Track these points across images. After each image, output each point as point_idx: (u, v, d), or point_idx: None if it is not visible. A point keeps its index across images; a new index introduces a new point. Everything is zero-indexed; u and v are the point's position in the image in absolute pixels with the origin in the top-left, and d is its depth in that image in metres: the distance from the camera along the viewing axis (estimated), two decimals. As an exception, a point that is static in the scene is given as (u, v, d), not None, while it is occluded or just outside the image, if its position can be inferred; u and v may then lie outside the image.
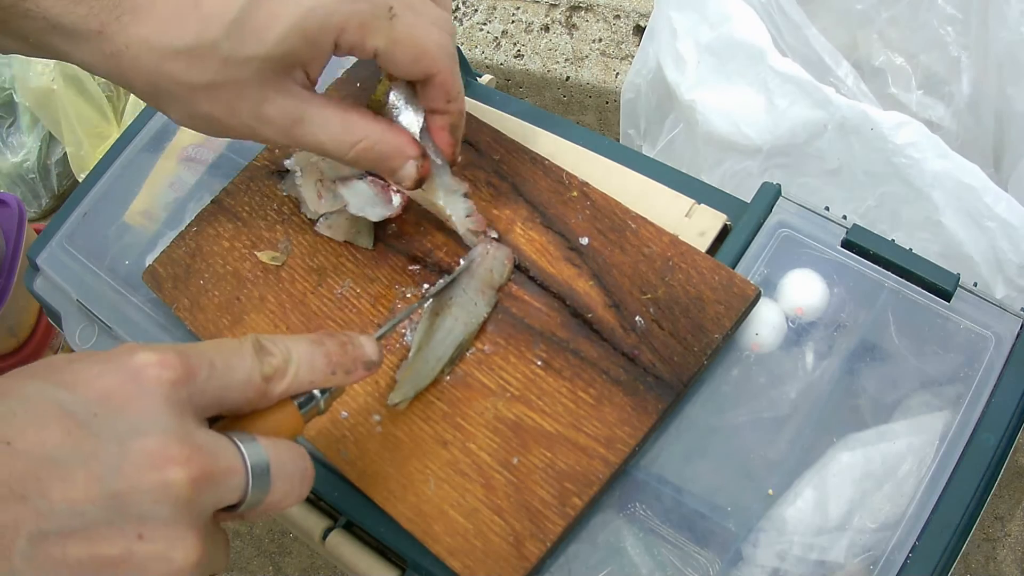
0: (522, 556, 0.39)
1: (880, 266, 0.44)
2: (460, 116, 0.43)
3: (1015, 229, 0.51)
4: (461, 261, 0.46)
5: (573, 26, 0.88)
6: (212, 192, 0.53)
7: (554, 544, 0.39)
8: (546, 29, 0.90)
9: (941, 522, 0.38)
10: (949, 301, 0.43)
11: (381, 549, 0.44)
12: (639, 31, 0.86)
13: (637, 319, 0.43)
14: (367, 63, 0.54)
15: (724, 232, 0.47)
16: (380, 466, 0.42)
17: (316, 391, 0.35)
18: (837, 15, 0.74)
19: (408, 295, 0.46)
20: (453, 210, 0.45)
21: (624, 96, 0.72)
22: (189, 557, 0.28)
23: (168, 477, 0.27)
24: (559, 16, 0.89)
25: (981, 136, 0.70)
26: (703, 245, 0.46)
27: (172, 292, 0.50)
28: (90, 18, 0.37)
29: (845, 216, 0.45)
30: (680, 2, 0.61)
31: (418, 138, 0.43)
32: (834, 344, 0.43)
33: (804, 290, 0.44)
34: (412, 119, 0.43)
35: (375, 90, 0.44)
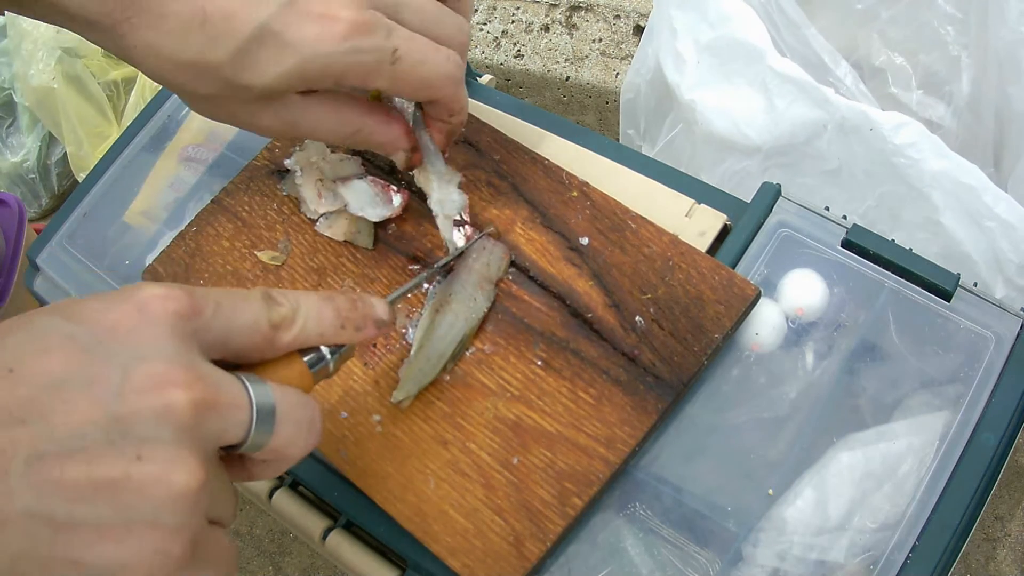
0: (522, 556, 0.39)
1: (880, 266, 0.44)
2: (459, 126, 0.44)
3: (1015, 229, 0.51)
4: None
5: (573, 26, 0.88)
6: (212, 192, 0.53)
7: (554, 544, 0.39)
8: (546, 29, 0.90)
9: (941, 522, 0.38)
10: (949, 301, 0.43)
11: (381, 549, 0.44)
12: (639, 31, 0.86)
13: (637, 319, 0.43)
14: None
15: (724, 232, 0.47)
16: (380, 466, 0.42)
17: (326, 350, 0.34)
18: (837, 14, 0.74)
19: (408, 295, 0.46)
20: (442, 196, 0.46)
21: (623, 96, 0.72)
22: (190, 481, 0.27)
23: (170, 399, 0.27)
24: (559, 16, 0.89)
25: (981, 135, 0.70)
26: (703, 245, 0.46)
27: (172, 292, 0.50)
28: (103, 15, 0.37)
29: (845, 216, 0.45)
30: (680, 1, 0.61)
31: (411, 124, 0.43)
32: (834, 344, 0.43)
33: (804, 290, 0.44)
34: (406, 109, 0.44)
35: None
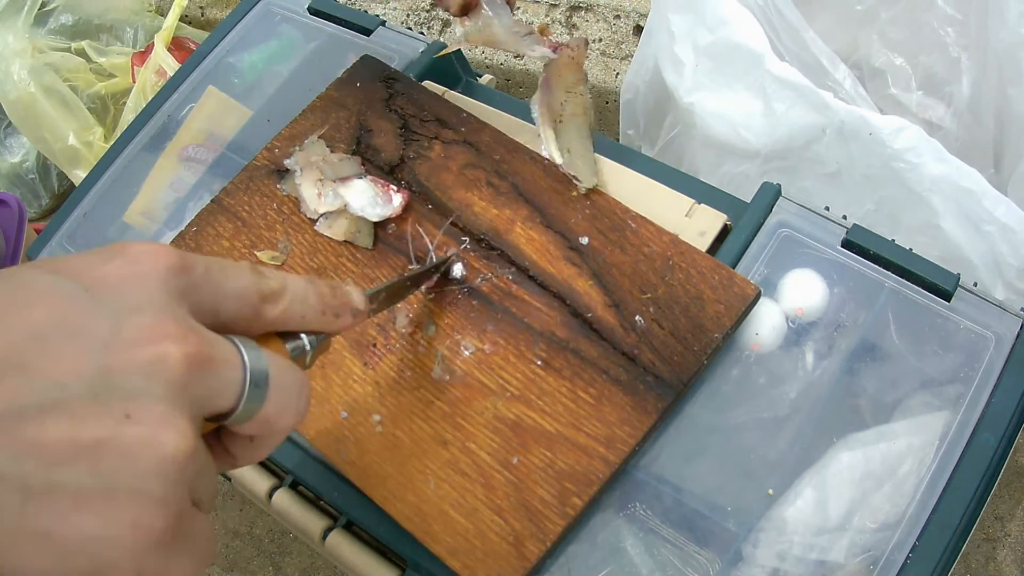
0: (522, 556, 0.39)
1: (880, 266, 0.44)
2: None
3: (1014, 233, 0.51)
4: (459, 265, 0.46)
5: (573, 26, 0.88)
6: (212, 192, 0.53)
7: (554, 544, 0.39)
8: (546, 30, 0.90)
9: (941, 522, 0.38)
10: (949, 301, 0.43)
11: (381, 549, 0.44)
12: (639, 31, 0.86)
13: (637, 318, 0.43)
14: (368, 62, 0.54)
15: (724, 232, 0.47)
16: (380, 466, 0.42)
17: (305, 339, 0.33)
18: (837, 16, 0.74)
19: (397, 303, 0.46)
20: (516, 45, 0.47)
21: (623, 96, 0.72)
22: (180, 445, 0.24)
23: (162, 351, 0.25)
24: (559, 16, 0.89)
25: (981, 137, 0.70)
26: (703, 245, 0.46)
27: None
28: None
29: (845, 216, 0.45)
30: (678, 4, 0.61)
31: None
32: (834, 344, 0.43)
33: (804, 290, 0.44)
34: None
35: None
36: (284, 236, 0.49)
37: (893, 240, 0.44)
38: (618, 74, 0.87)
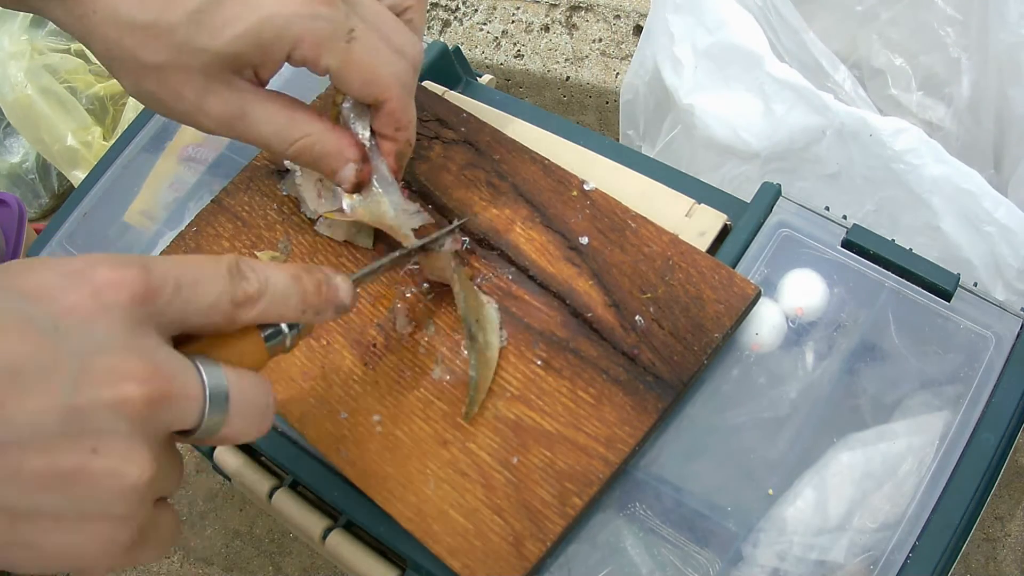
0: (522, 556, 0.39)
1: (880, 266, 0.44)
2: (407, 145, 0.44)
3: (1014, 234, 0.51)
4: (449, 240, 0.46)
5: (573, 26, 0.88)
6: (212, 192, 0.53)
7: (554, 544, 0.39)
8: (546, 29, 0.90)
9: (941, 522, 0.38)
10: (949, 301, 0.43)
11: (381, 549, 0.44)
12: (639, 31, 0.86)
13: (637, 318, 0.43)
14: None
15: (724, 232, 0.47)
16: (380, 466, 0.42)
17: (284, 326, 0.34)
18: (837, 16, 0.74)
19: (408, 294, 0.46)
20: (404, 226, 0.45)
21: (623, 97, 0.72)
22: (141, 474, 0.28)
23: (125, 393, 0.27)
24: (559, 16, 0.89)
25: (981, 137, 0.70)
26: (703, 245, 0.46)
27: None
28: None
29: (845, 216, 0.45)
30: (677, 5, 0.61)
31: (367, 148, 0.43)
32: (834, 344, 0.43)
33: (804, 290, 0.44)
34: (362, 131, 0.43)
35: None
36: (284, 236, 0.49)
37: (893, 240, 0.44)
38: (618, 74, 0.87)
